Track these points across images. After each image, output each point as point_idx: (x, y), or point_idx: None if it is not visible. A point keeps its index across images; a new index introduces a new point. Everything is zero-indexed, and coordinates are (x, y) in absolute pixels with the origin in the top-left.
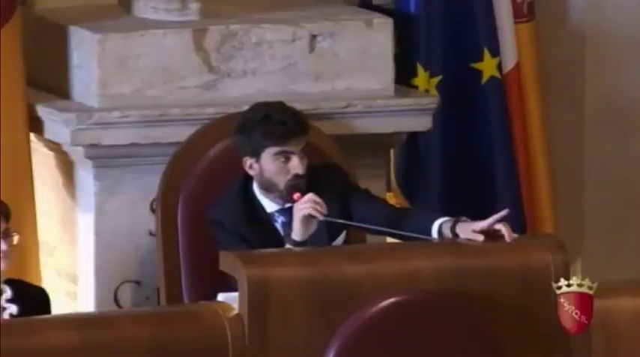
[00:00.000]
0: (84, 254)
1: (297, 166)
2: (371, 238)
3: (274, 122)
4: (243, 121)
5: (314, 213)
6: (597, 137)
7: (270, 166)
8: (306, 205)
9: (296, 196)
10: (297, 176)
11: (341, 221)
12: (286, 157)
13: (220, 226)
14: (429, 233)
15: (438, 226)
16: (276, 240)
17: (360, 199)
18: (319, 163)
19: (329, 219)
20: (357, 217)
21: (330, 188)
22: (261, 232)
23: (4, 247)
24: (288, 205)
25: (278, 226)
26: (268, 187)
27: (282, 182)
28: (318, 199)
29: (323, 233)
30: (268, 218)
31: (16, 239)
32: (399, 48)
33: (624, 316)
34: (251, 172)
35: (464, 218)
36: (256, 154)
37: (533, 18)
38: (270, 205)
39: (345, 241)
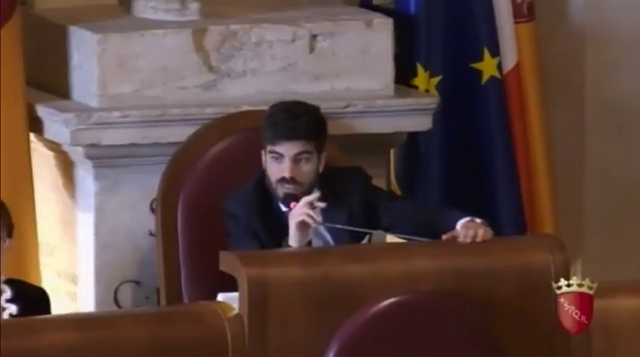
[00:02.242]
0: (84, 254)
1: (285, 169)
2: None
3: (270, 122)
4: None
5: (307, 220)
6: (597, 137)
7: (267, 162)
8: (300, 210)
9: (292, 205)
10: (283, 179)
11: (339, 226)
12: (277, 158)
13: (236, 219)
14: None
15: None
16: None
17: (386, 203)
18: (341, 166)
19: (327, 224)
20: (385, 221)
21: (352, 192)
22: (275, 231)
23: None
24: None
25: None
26: (270, 184)
27: (273, 181)
28: (315, 205)
29: (347, 238)
30: (282, 217)
31: (7, 243)
32: (399, 48)
33: (624, 316)
34: (264, 166)
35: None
36: (264, 149)
37: (533, 18)
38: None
39: None
